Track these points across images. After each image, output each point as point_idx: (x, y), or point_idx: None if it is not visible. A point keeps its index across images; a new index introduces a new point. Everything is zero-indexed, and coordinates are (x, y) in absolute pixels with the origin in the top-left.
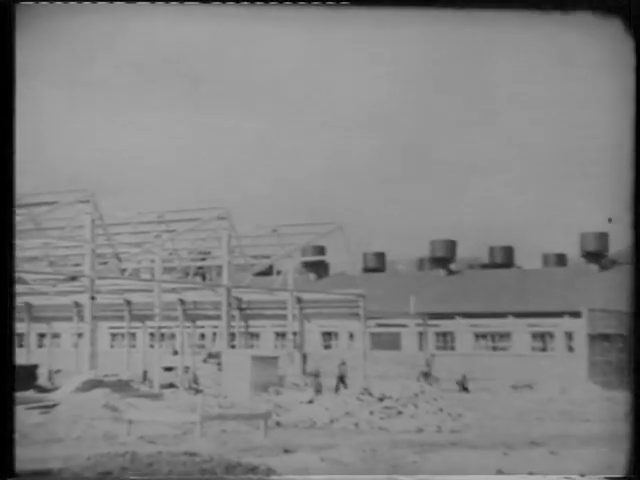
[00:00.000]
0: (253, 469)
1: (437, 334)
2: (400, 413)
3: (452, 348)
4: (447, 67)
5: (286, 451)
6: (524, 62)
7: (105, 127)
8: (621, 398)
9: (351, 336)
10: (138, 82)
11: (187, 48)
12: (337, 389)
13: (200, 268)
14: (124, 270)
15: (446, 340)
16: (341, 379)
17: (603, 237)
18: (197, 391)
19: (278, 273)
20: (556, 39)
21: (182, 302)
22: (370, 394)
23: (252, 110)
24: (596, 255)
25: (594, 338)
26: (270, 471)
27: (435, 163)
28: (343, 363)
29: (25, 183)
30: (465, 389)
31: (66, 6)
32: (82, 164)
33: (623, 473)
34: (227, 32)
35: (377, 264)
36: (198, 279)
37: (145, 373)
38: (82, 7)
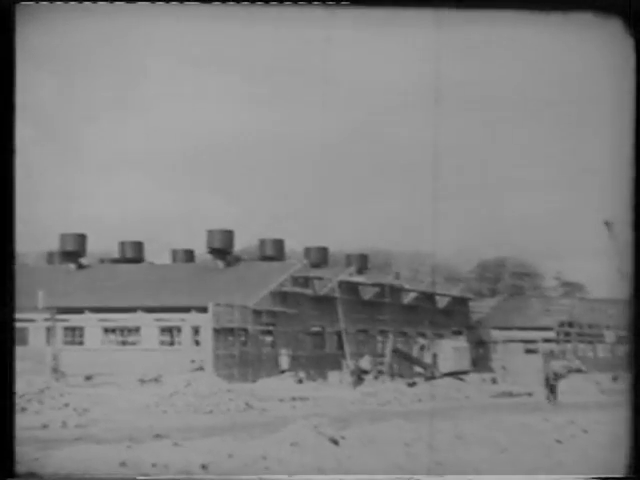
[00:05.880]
0: None
1: (66, 329)
2: (24, 409)
3: (81, 343)
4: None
5: None
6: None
7: None
8: (241, 389)
9: None
10: None
11: None
12: None
13: None
14: None
15: (75, 335)
16: None
17: (229, 234)
18: None
19: None
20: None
21: None
22: None
23: None
24: (222, 252)
25: (219, 332)
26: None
27: (85, 154)
28: None
29: None
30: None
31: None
32: None
33: (623, 473)
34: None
35: None
36: None
37: None
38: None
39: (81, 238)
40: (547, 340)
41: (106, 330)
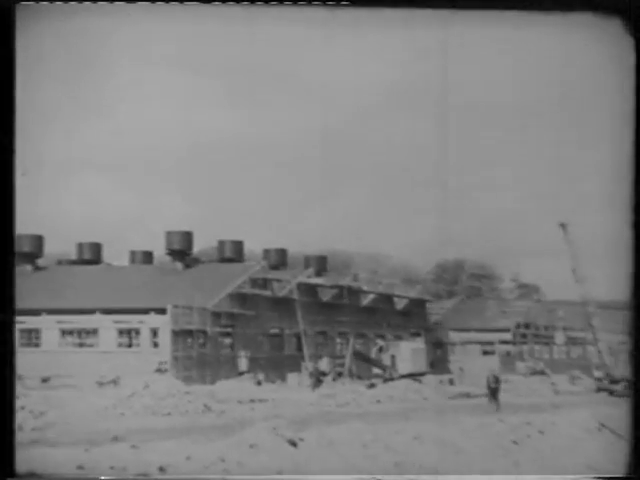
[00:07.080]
0: None
1: (22, 331)
2: None
3: (37, 345)
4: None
5: None
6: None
7: None
8: (200, 391)
9: None
10: None
11: None
12: None
13: None
14: None
15: (31, 337)
16: None
17: (187, 236)
18: None
19: None
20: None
21: None
22: None
23: None
24: (181, 253)
25: (177, 334)
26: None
27: (43, 154)
28: None
29: None
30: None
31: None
32: None
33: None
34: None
35: None
36: None
37: None
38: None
39: (38, 239)
40: (504, 342)
41: (63, 332)
